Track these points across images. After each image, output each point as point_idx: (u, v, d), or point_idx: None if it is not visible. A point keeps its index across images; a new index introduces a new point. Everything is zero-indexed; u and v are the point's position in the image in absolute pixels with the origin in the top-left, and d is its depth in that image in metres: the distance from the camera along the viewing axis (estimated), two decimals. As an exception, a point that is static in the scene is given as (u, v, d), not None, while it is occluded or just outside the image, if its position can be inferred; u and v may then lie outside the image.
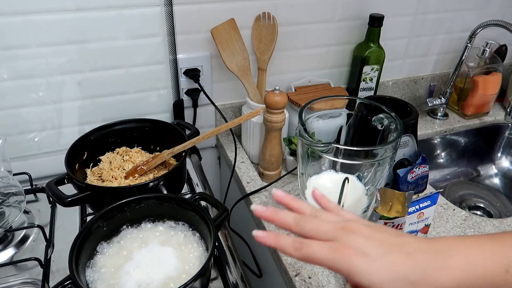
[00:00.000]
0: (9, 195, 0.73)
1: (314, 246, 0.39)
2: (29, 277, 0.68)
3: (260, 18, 0.93)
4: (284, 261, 0.71)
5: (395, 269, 0.36)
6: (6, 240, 0.74)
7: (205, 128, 1.04)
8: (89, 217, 0.79)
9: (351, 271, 0.37)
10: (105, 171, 0.78)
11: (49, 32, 0.79)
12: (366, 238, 0.38)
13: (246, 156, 0.98)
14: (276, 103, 0.81)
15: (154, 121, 0.85)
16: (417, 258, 0.37)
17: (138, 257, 0.61)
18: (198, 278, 0.53)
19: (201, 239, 0.64)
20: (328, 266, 0.38)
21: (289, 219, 0.42)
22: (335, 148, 0.62)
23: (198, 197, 0.68)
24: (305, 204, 0.45)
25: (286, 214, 0.43)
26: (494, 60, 1.18)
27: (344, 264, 0.37)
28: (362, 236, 0.38)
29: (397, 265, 0.36)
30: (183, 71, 0.93)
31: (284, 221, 0.43)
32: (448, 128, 1.18)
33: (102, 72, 0.87)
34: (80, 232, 0.59)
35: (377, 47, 1.01)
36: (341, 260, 0.37)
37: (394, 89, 1.20)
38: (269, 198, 0.85)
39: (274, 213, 0.43)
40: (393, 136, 0.65)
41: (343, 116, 0.76)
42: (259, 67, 0.95)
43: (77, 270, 0.55)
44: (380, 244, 0.38)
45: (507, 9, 1.19)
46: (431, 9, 1.10)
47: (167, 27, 0.87)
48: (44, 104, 0.86)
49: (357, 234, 0.39)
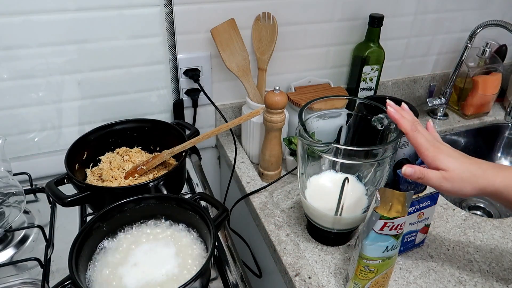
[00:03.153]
0: (9, 195, 0.73)
1: (420, 135, 0.60)
2: (29, 277, 0.68)
3: (260, 18, 0.93)
4: (284, 261, 0.71)
5: (466, 165, 0.58)
6: (6, 240, 0.74)
7: (205, 128, 1.04)
8: (89, 217, 0.79)
9: (436, 158, 0.58)
10: (105, 171, 0.78)
11: (49, 32, 0.79)
12: (453, 150, 0.61)
13: (246, 156, 0.98)
14: (276, 103, 0.81)
15: (154, 121, 0.85)
16: (482, 165, 0.59)
17: (138, 257, 0.61)
18: (198, 278, 0.53)
19: (201, 239, 0.64)
20: (421, 150, 0.59)
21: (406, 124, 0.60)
22: (335, 148, 0.62)
23: (198, 197, 0.68)
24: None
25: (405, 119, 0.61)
26: (494, 60, 1.18)
27: (432, 153, 0.58)
28: (451, 149, 0.61)
29: (467, 164, 0.58)
30: (183, 71, 0.93)
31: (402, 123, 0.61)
32: (448, 128, 1.18)
33: (102, 72, 0.87)
34: (80, 232, 0.59)
35: (377, 47, 1.01)
36: (433, 152, 0.58)
37: (394, 89, 1.20)
38: (269, 198, 0.85)
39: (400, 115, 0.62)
40: (393, 136, 0.65)
41: (343, 116, 0.76)
42: (259, 67, 0.95)
43: (77, 270, 0.55)
44: (459, 154, 0.60)
45: (507, 9, 1.19)
46: (431, 9, 1.10)
47: (167, 27, 0.87)
48: (44, 104, 0.86)
49: (447, 146, 0.61)
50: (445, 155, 0.58)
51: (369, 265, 0.59)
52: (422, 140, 0.59)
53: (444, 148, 0.60)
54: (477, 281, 0.69)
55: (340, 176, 0.73)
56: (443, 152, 0.59)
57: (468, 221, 0.82)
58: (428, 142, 0.59)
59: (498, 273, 0.71)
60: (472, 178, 0.57)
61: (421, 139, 0.59)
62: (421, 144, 0.59)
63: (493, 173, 0.58)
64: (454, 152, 0.60)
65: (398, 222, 0.56)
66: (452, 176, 0.57)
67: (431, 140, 0.60)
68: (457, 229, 0.80)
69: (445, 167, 0.57)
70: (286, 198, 0.88)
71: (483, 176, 0.57)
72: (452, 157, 0.58)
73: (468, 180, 0.57)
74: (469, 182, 0.57)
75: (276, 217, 0.80)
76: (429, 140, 0.60)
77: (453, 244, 0.77)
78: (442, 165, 0.57)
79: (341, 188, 0.67)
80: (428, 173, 0.58)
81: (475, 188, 0.57)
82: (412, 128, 0.60)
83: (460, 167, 0.57)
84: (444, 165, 0.57)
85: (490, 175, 0.57)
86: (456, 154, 0.60)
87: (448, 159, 0.58)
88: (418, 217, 0.70)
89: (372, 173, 0.70)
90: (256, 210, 0.82)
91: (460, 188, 0.57)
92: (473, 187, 0.57)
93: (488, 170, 0.58)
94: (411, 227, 0.71)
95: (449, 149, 0.61)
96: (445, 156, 0.58)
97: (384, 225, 0.55)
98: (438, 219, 0.83)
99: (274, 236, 0.76)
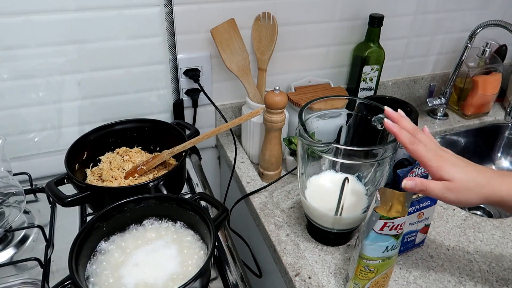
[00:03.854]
0: (9, 195, 0.73)
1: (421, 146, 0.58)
2: (29, 277, 0.68)
3: (260, 18, 0.93)
4: (284, 261, 0.71)
5: (471, 174, 0.56)
6: (6, 240, 0.74)
7: (205, 128, 1.04)
8: (89, 217, 0.79)
9: (439, 169, 0.56)
10: (105, 171, 0.78)
11: (49, 32, 0.79)
12: (456, 157, 0.59)
13: (246, 156, 0.98)
14: (276, 103, 0.81)
15: (154, 121, 0.85)
16: (486, 173, 0.57)
17: (138, 257, 0.61)
18: (198, 278, 0.53)
19: (201, 239, 0.64)
20: (424, 161, 0.57)
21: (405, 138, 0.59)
22: (335, 148, 0.62)
23: (198, 197, 0.68)
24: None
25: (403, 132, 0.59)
26: (494, 60, 1.18)
27: (436, 164, 0.56)
28: (454, 156, 0.59)
29: (472, 173, 0.57)
30: (183, 71, 0.93)
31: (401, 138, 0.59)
32: (448, 128, 1.18)
33: (102, 72, 0.87)
34: (80, 232, 0.59)
35: (377, 47, 1.01)
36: (436, 162, 0.57)
37: (394, 89, 1.20)
38: (269, 198, 0.85)
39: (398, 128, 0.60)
40: (393, 136, 0.65)
41: (343, 116, 0.76)
42: (259, 67, 0.95)
43: (77, 270, 0.55)
44: (462, 161, 0.59)
45: (507, 9, 1.19)
46: (431, 9, 1.10)
47: (167, 27, 0.87)
48: (44, 104, 0.86)
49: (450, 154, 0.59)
50: (449, 164, 0.57)
51: (369, 265, 0.59)
52: (423, 152, 0.57)
53: (446, 156, 0.58)
54: (477, 281, 0.69)
55: (340, 176, 0.73)
56: (447, 161, 0.57)
57: (468, 221, 0.82)
58: (429, 152, 0.57)
59: (498, 273, 0.71)
60: (477, 187, 0.56)
61: (422, 151, 0.57)
62: (423, 155, 0.57)
63: (498, 182, 0.56)
64: (457, 160, 0.59)
65: (398, 222, 0.56)
66: (456, 186, 0.55)
67: (433, 149, 0.58)
68: (457, 229, 0.80)
69: (450, 177, 0.56)
70: (286, 198, 0.88)
71: (488, 185, 0.56)
72: (456, 166, 0.57)
73: (473, 189, 0.56)
74: (474, 191, 0.56)
75: (276, 217, 0.80)
76: (430, 149, 0.58)
77: (453, 244, 0.77)
78: (447, 176, 0.56)
79: (341, 188, 0.67)
80: (430, 185, 0.56)
81: (480, 197, 0.56)
82: (411, 141, 0.58)
83: (465, 177, 0.56)
84: (448, 176, 0.56)
85: (495, 184, 0.56)
86: (459, 162, 0.58)
87: (452, 169, 0.56)
88: (418, 217, 0.70)
89: (372, 173, 0.70)
90: (256, 210, 0.82)
91: (465, 199, 0.56)
92: (478, 197, 0.56)
93: (492, 178, 0.57)
94: (411, 227, 0.71)
95: (452, 156, 0.59)
96: (449, 166, 0.56)
97: (384, 225, 0.55)
98: (438, 219, 0.83)
99: (274, 236, 0.76)
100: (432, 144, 0.59)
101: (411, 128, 0.60)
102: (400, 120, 0.61)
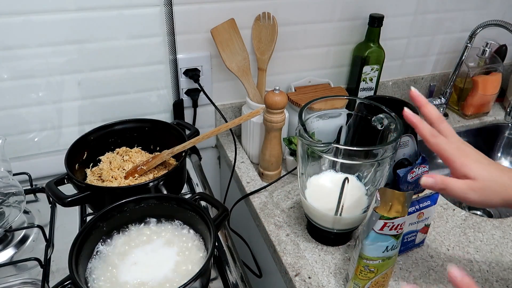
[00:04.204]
0: (9, 195, 0.73)
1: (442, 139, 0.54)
2: (29, 277, 0.68)
3: (260, 18, 0.93)
4: (284, 261, 0.71)
5: (495, 174, 0.53)
6: (6, 240, 0.74)
7: (205, 128, 1.04)
8: (89, 217, 0.79)
9: (463, 165, 0.53)
10: (105, 171, 0.78)
11: (49, 32, 0.79)
12: (478, 153, 0.56)
13: (246, 156, 0.98)
14: (276, 103, 0.81)
15: (154, 121, 0.85)
16: (509, 173, 0.54)
17: (137, 257, 0.61)
18: (198, 278, 0.53)
19: (201, 239, 0.64)
20: (445, 156, 0.54)
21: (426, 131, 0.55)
22: (335, 148, 0.62)
23: (198, 197, 0.68)
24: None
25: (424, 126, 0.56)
26: (494, 60, 1.18)
27: (459, 159, 0.53)
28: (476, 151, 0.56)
29: (496, 172, 0.53)
30: (183, 71, 0.93)
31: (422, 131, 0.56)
32: (448, 128, 1.18)
33: (102, 72, 0.87)
34: (80, 232, 0.59)
35: (377, 47, 1.01)
36: (460, 157, 0.53)
37: (394, 89, 1.20)
38: (269, 198, 0.85)
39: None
40: (393, 136, 0.65)
41: (343, 116, 0.76)
42: (259, 67, 0.95)
43: (77, 270, 0.55)
44: (485, 158, 0.55)
45: (507, 9, 1.19)
46: (431, 9, 1.10)
47: (167, 27, 0.87)
48: (44, 104, 0.86)
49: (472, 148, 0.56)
50: (473, 160, 0.53)
51: (369, 265, 0.59)
52: (445, 146, 0.54)
53: (469, 151, 0.55)
54: (477, 281, 0.69)
55: (340, 176, 0.73)
56: (470, 157, 0.54)
57: (468, 221, 0.82)
58: (451, 146, 0.54)
59: (498, 273, 0.71)
60: (501, 188, 0.52)
61: (443, 145, 0.54)
62: (444, 149, 0.54)
63: None
64: (481, 157, 0.55)
65: (398, 222, 0.56)
66: (480, 186, 0.52)
67: (455, 142, 0.55)
68: (457, 229, 0.80)
69: (474, 175, 0.52)
70: (286, 198, 0.88)
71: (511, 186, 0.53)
72: (481, 163, 0.53)
73: (497, 190, 0.52)
74: (497, 193, 0.52)
75: (276, 217, 0.80)
76: (452, 142, 0.54)
77: (453, 244, 0.77)
78: (472, 174, 0.52)
79: (341, 188, 0.67)
80: (452, 183, 0.52)
81: (504, 199, 0.53)
82: (432, 133, 0.54)
83: (489, 177, 0.52)
84: (473, 174, 0.52)
85: None
86: (482, 159, 0.55)
87: (477, 166, 0.53)
88: (418, 217, 0.70)
89: (372, 173, 0.70)
90: (256, 210, 0.82)
91: (489, 199, 0.53)
92: (501, 198, 0.53)
93: None
94: (411, 227, 0.71)
95: (475, 153, 0.55)
96: (474, 163, 0.53)
97: (384, 225, 0.55)
98: (438, 219, 0.83)
99: (274, 236, 0.76)
100: (455, 137, 0.55)
101: (435, 116, 0.56)
102: (425, 106, 0.56)
